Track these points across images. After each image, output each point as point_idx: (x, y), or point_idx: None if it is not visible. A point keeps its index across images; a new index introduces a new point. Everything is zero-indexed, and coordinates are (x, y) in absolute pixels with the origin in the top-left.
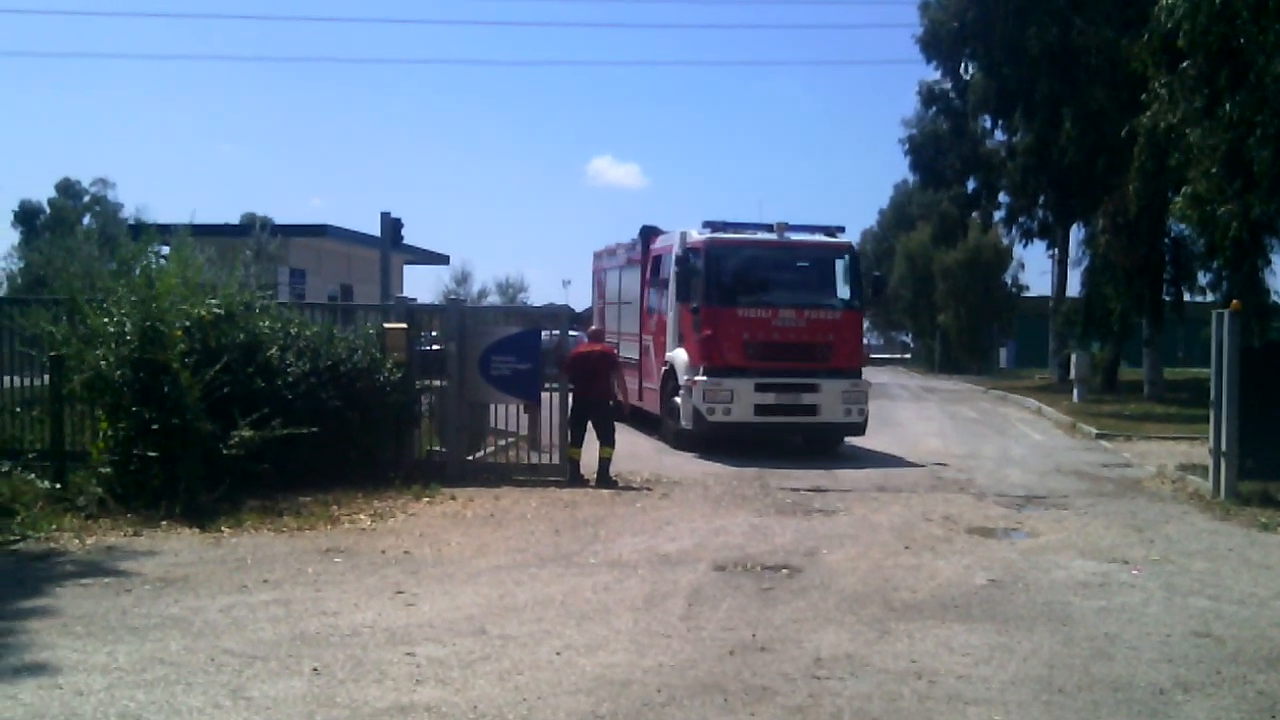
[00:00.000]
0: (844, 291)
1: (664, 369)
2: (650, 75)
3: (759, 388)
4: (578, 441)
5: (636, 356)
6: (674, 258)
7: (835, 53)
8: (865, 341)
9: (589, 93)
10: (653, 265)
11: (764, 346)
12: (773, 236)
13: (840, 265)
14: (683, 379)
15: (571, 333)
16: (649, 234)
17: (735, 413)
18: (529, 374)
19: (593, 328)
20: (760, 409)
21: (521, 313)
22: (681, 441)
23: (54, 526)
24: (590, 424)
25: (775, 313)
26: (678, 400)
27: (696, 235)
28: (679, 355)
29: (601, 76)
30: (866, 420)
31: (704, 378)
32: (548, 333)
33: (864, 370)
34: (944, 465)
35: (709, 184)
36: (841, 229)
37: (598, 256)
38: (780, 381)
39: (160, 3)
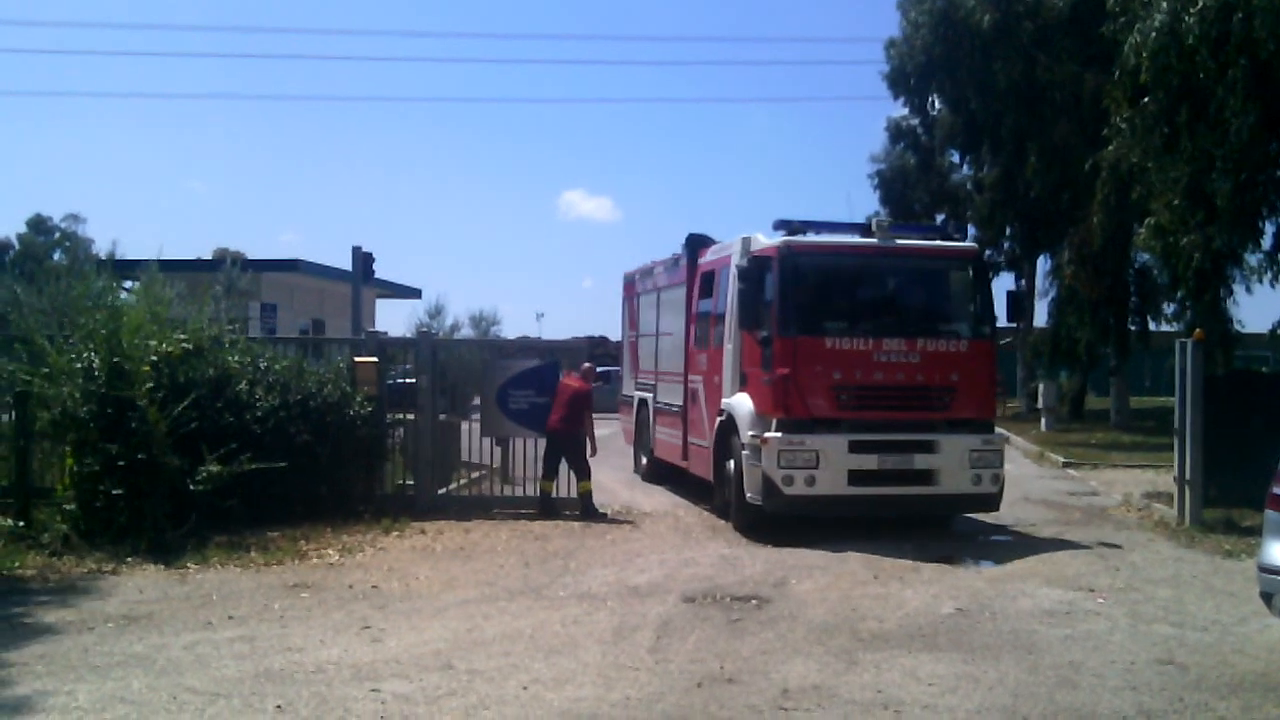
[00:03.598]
0: (970, 314)
1: (719, 420)
2: (622, 110)
3: (855, 447)
4: (549, 474)
5: (680, 403)
6: (734, 270)
7: (805, 90)
8: (999, 383)
9: (561, 126)
10: (702, 284)
11: (862, 391)
12: (871, 241)
13: (964, 278)
14: (746, 435)
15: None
16: (697, 245)
17: (822, 483)
18: (549, 407)
19: (585, 364)
20: (857, 477)
21: (539, 346)
22: (748, 521)
23: (17, 564)
24: (565, 460)
25: (878, 344)
26: (740, 464)
27: (765, 240)
28: (740, 402)
29: (573, 110)
30: (1002, 490)
31: (778, 434)
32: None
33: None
34: None
35: (682, 218)
36: (959, 230)
37: (629, 280)
38: (885, 439)
39: (130, 41)
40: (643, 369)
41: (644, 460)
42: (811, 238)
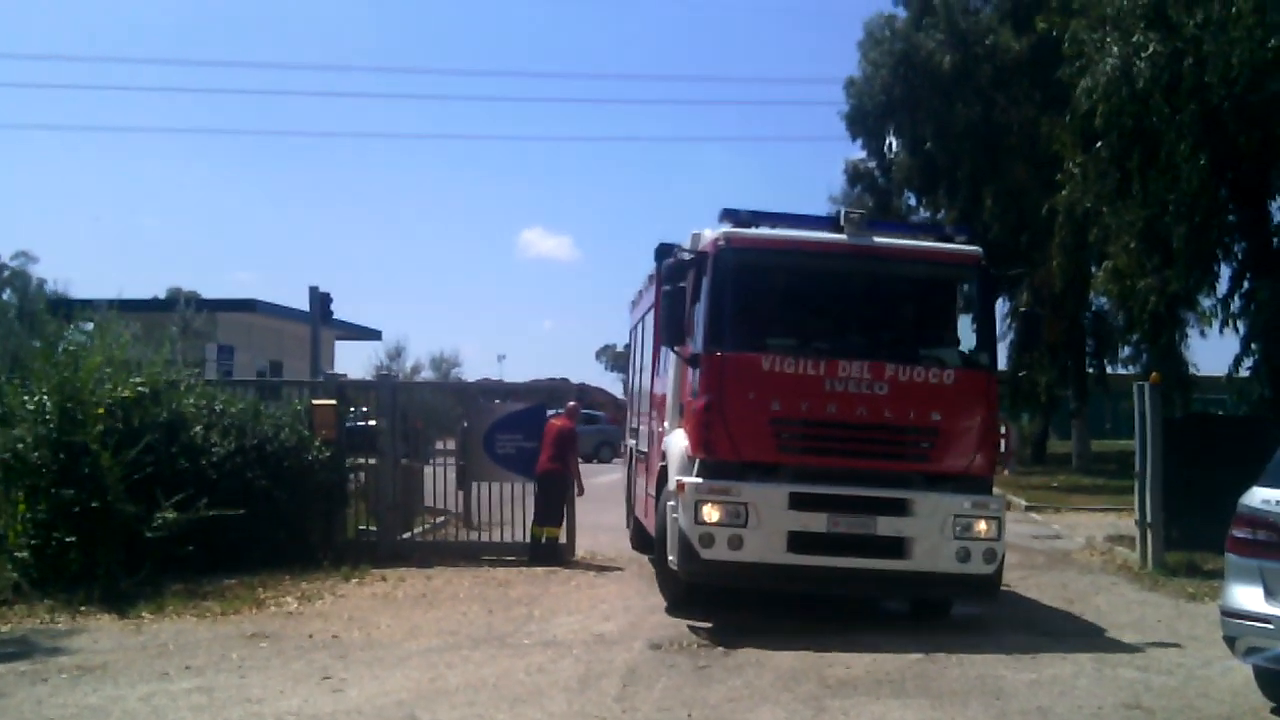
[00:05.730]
0: (966, 335)
1: (661, 465)
2: (581, 148)
3: (799, 502)
4: (541, 519)
5: (647, 448)
6: (663, 271)
7: (764, 129)
8: (1002, 428)
9: (519, 164)
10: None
11: (810, 427)
12: (839, 238)
13: (959, 290)
14: (672, 482)
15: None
16: (665, 255)
17: (752, 546)
18: (537, 452)
19: (570, 403)
20: (800, 542)
21: (524, 389)
22: (673, 594)
23: None
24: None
25: (832, 367)
26: (664, 519)
27: (710, 234)
28: (675, 441)
29: (531, 148)
30: (1000, 571)
31: (697, 479)
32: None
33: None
34: None
35: (642, 257)
36: (964, 229)
37: (632, 308)
38: (839, 493)
39: (81, 75)
40: (632, 411)
41: (631, 522)
42: (763, 232)
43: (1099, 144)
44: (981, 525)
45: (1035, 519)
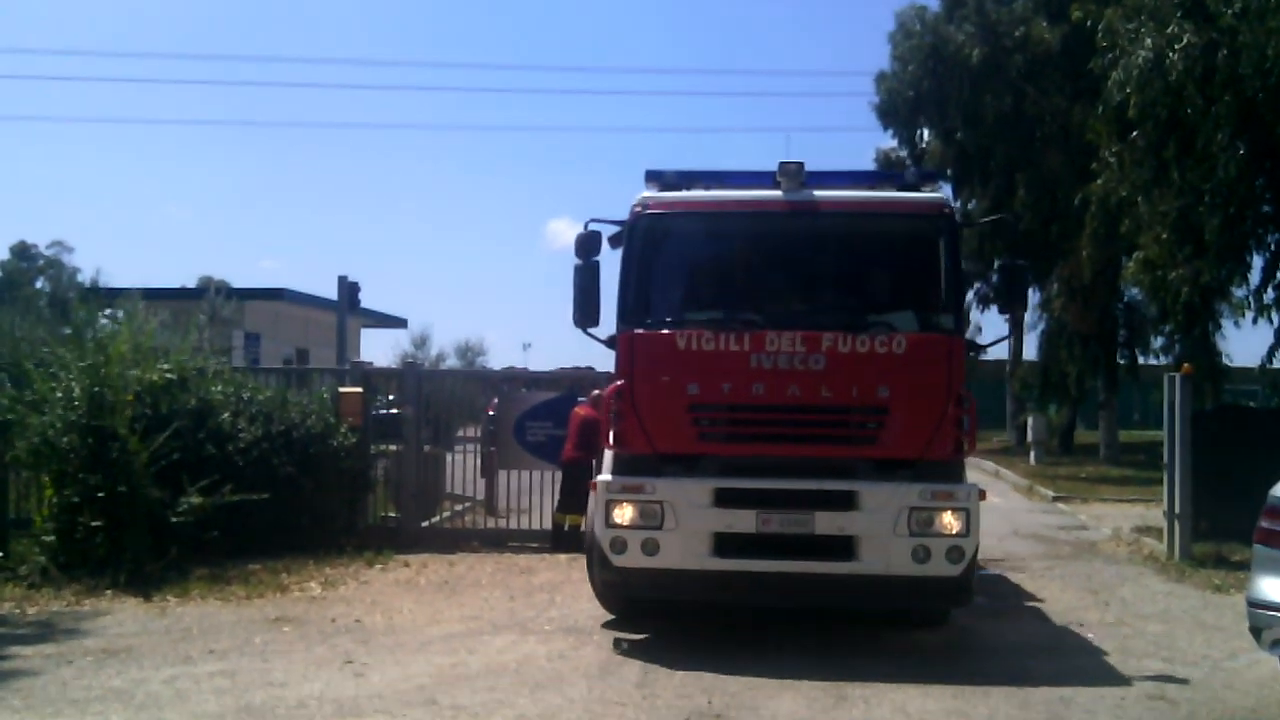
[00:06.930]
0: (920, 297)
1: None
2: (609, 140)
3: (724, 498)
4: (564, 507)
5: None
6: (575, 243)
7: (794, 120)
8: (970, 402)
9: (546, 156)
10: None
11: (735, 412)
12: (774, 195)
13: (917, 245)
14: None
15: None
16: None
17: (670, 551)
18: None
19: (594, 392)
20: (727, 544)
21: (542, 378)
22: (608, 604)
23: None
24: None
25: (758, 341)
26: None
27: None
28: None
29: (559, 140)
30: (969, 573)
31: (607, 476)
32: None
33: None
34: None
35: None
36: (932, 175)
37: None
38: (770, 487)
39: (113, 68)
40: None
41: None
42: (690, 194)
43: (1134, 133)
44: (944, 519)
45: (1062, 509)
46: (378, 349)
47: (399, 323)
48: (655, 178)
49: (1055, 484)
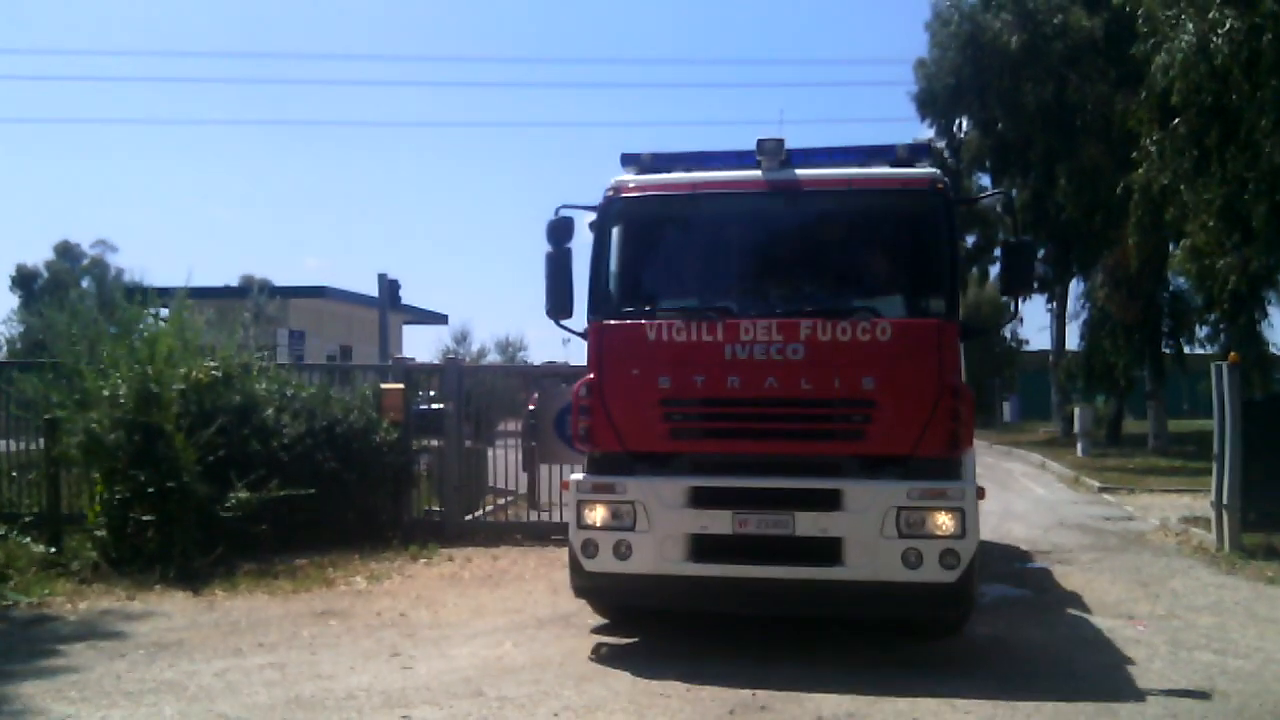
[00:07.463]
0: (916, 280)
1: None
2: (648, 133)
3: (700, 498)
4: None
5: None
6: (545, 231)
7: (833, 111)
8: (964, 393)
9: (586, 151)
10: None
11: (709, 407)
12: (752, 175)
13: (907, 225)
14: None
15: None
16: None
17: (643, 555)
18: None
19: None
20: (704, 548)
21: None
22: (597, 608)
23: (48, 591)
24: None
25: (732, 329)
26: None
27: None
28: None
29: (599, 135)
30: (967, 579)
31: (578, 476)
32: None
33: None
34: None
35: None
36: (925, 149)
37: None
38: (747, 485)
39: (154, 68)
40: None
41: None
42: (661, 178)
43: (1177, 121)
44: (936, 520)
45: (1109, 500)
46: (419, 345)
47: (440, 319)
48: (632, 161)
49: (1102, 475)
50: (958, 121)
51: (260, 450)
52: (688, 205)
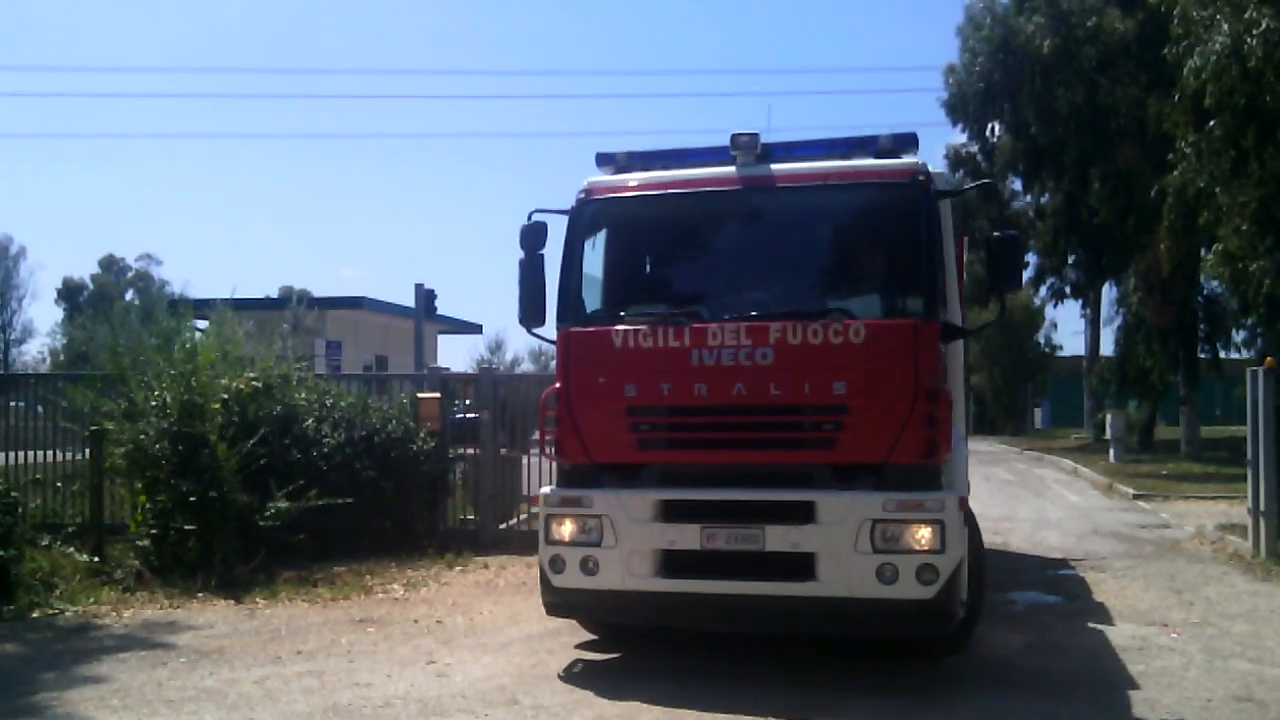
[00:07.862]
0: (894, 278)
1: None
2: (679, 142)
3: (669, 511)
4: None
5: None
6: (519, 236)
7: (864, 118)
8: (943, 397)
9: None
10: None
11: (676, 415)
12: (725, 171)
13: (894, 219)
14: None
15: None
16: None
17: (610, 570)
18: None
19: None
20: (673, 563)
21: None
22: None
23: (92, 599)
24: None
25: (699, 335)
26: None
27: None
28: None
29: (630, 143)
30: (951, 596)
31: (547, 489)
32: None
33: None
34: None
35: None
36: (911, 139)
37: None
38: (711, 499)
39: (194, 84)
40: None
41: None
42: (629, 177)
43: (1211, 123)
44: (912, 533)
45: (1143, 507)
46: (453, 354)
47: (474, 328)
48: (608, 160)
49: (1135, 481)
50: (990, 126)
51: (300, 460)
52: (658, 205)
